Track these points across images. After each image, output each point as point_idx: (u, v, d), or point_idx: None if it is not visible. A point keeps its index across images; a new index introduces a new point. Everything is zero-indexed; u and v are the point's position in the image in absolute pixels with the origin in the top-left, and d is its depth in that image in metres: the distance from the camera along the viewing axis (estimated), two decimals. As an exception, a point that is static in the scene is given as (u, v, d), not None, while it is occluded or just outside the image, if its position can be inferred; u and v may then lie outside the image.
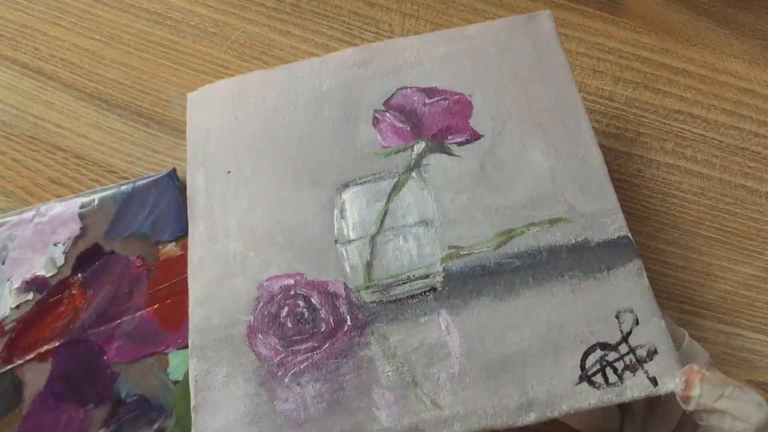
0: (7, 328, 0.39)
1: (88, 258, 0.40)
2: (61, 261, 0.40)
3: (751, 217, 0.43)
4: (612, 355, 0.28)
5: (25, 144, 0.43)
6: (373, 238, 0.30)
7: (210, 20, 0.44)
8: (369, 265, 0.29)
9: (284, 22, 0.44)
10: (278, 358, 0.28)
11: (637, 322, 0.28)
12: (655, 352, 0.28)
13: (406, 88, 0.34)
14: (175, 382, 0.41)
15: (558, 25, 0.45)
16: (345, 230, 0.30)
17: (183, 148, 0.44)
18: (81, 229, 0.40)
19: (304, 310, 0.29)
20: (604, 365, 0.28)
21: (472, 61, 0.34)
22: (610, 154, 0.43)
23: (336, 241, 0.30)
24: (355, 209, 0.31)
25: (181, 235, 0.41)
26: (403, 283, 0.29)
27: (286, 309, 0.29)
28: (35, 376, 0.39)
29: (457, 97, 0.33)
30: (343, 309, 0.29)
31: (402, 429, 0.27)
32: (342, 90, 0.34)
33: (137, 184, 0.41)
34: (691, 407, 0.26)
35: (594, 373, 0.28)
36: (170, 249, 0.41)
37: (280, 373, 0.28)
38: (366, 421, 0.27)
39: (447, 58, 0.34)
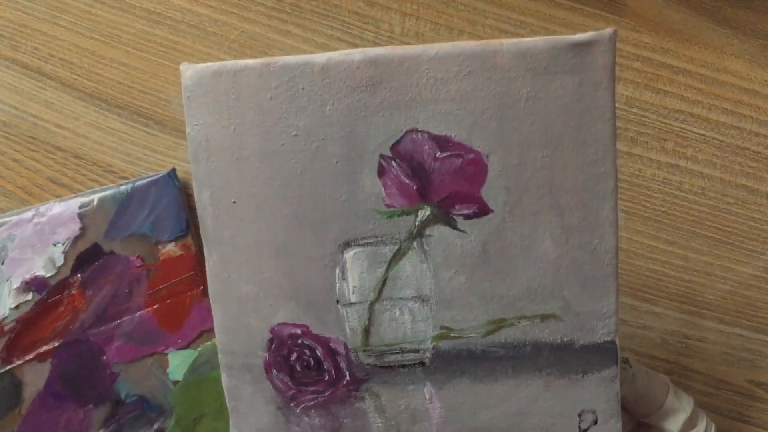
0: (6, 328, 0.39)
1: (87, 258, 0.40)
2: (60, 261, 0.40)
3: (752, 217, 0.43)
4: None
5: (24, 144, 0.43)
6: (371, 305, 0.31)
7: (210, 20, 0.44)
8: (366, 331, 0.32)
9: (284, 22, 0.44)
10: (290, 393, 0.32)
11: (595, 422, 0.32)
12: None
13: (417, 131, 0.29)
14: (175, 383, 0.41)
15: (558, 25, 0.45)
16: (346, 292, 0.31)
17: (183, 148, 0.43)
18: (80, 229, 0.40)
19: (310, 359, 0.32)
20: None
21: (499, 107, 0.29)
22: (611, 153, 0.43)
23: (338, 301, 0.31)
24: (356, 272, 0.31)
25: (181, 235, 0.41)
26: (396, 353, 0.32)
27: (295, 354, 0.32)
28: (35, 377, 0.39)
29: (472, 156, 0.29)
30: (343, 365, 0.32)
31: None
32: (347, 119, 0.30)
33: (137, 184, 0.41)
34: None
35: None
36: (170, 249, 0.41)
37: (292, 404, 0.32)
38: None
39: (470, 96, 0.29)
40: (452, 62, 0.29)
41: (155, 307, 0.41)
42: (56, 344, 0.40)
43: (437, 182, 0.30)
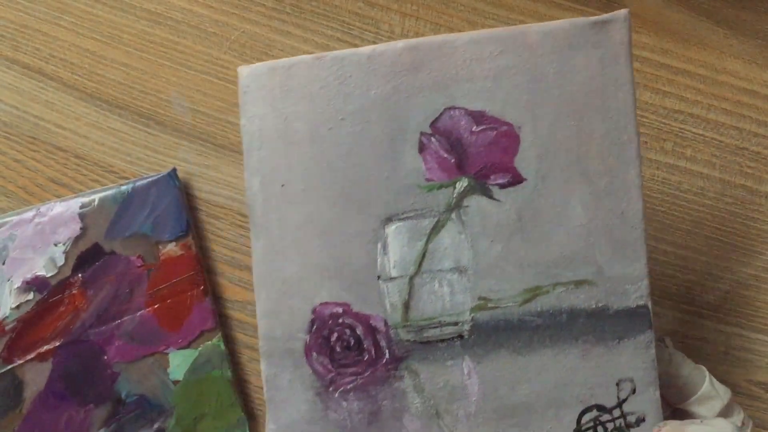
0: (7, 328, 0.40)
1: (88, 258, 0.40)
2: (61, 261, 0.40)
3: (751, 217, 0.43)
4: (605, 417, 0.32)
5: (25, 144, 0.43)
6: (411, 278, 0.32)
7: (210, 20, 0.44)
8: (406, 306, 0.33)
9: (284, 22, 0.45)
10: (329, 376, 0.33)
11: (634, 391, 0.32)
12: (643, 420, 0.32)
13: (455, 108, 0.32)
14: (176, 382, 0.41)
15: (558, 25, 0.45)
16: (387, 267, 0.32)
17: (183, 148, 0.44)
18: (81, 229, 0.40)
19: (351, 338, 0.33)
20: (596, 424, 0.32)
21: (528, 82, 0.32)
22: (610, 154, 0.43)
23: (379, 277, 0.33)
24: (397, 246, 0.32)
25: (182, 234, 0.41)
26: (435, 327, 0.33)
27: (335, 335, 0.33)
28: (36, 376, 0.40)
29: (505, 128, 0.32)
30: (383, 343, 0.33)
31: None
32: (390, 101, 0.32)
33: (137, 184, 0.41)
34: None
35: (586, 429, 0.32)
36: (170, 249, 0.41)
37: (331, 389, 0.33)
38: None
39: (502, 73, 0.32)
40: (485, 44, 0.32)
41: (156, 306, 0.41)
42: (57, 344, 0.40)
43: (473, 155, 0.32)
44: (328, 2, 0.45)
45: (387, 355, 0.33)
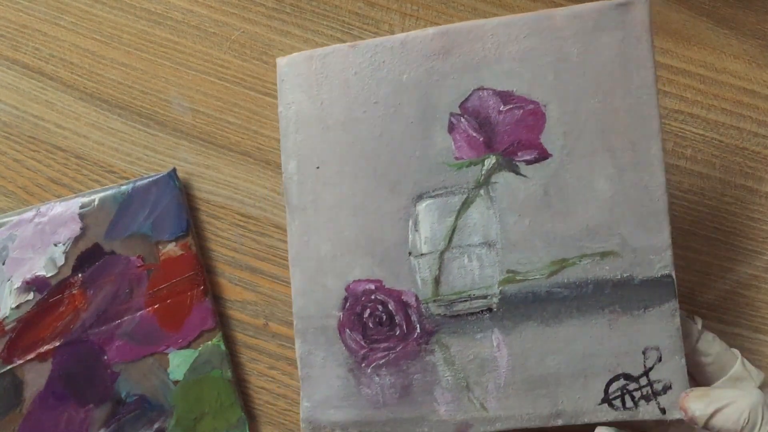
0: (7, 327, 0.40)
1: (88, 258, 0.40)
2: (61, 261, 0.40)
3: (751, 217, 0.43)
4: (632, 385, 0.33)
5: (25, 144, 0.43)
6: (441, 254, 0.34)
7: (210, 20, 0.44)
8: (437, 281, 0.34)
9: (284, 22, 0.44)
10: (362, 352, 0.34)
11: (660, 359, 0.33)
12: (670, 387, 0.33)
13: (483, 89, 0.33)
14: (176, 382, 0.41)
15: (558, 25, 0.45)
16: (418, 243, 0.34)
17: (183, 147, 0.44)
18: (81, 229, 0.40)
19: (383, 314, 0.34)
20: (624, 393, 0.33)
21: (554, 62, 0.33)
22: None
23: (410, 253, 0.34)
24: (428, 223, 0.34)
25: (181, 234, 0.41)
26: (465, 300, 0.34)
27: (368, 311, 0.34)
28: (36, 376, 0.40)
29: (532, 106, 0.33)
30: (414, 318, 0.34)
31: (455, 423, 0.34)
32: (421, 84, 0.34)
33: (137, 184, 0.41)
34: (700, 424, 0.31)
35: (614, 398, 0.33)
36: (170, 249, 0.41)
37: (363, 365, 0.34)
38: (428, 413, 0.34)
39: (529, 54, 0.33)
40: (513, 27, 0.33)
41: (156, 306, 0.41)
42: (57, 344, 0.40)
43: (501, 133, 0.33)
44: (328, 2, 0.45)
45: (418, 330, 0.34)
